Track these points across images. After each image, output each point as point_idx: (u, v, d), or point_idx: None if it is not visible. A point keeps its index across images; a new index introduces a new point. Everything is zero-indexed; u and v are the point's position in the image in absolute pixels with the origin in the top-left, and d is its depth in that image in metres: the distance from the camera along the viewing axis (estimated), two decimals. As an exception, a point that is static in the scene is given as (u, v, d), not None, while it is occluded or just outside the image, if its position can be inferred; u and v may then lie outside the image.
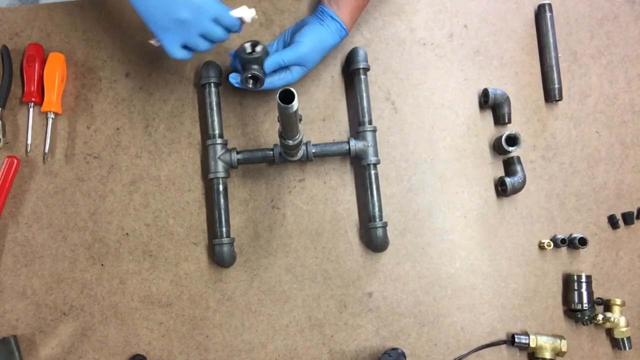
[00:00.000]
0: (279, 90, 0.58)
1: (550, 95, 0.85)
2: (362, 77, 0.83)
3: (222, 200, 0.81)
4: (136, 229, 0.84)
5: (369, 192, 0.81)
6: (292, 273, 0.83)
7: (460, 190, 0.84)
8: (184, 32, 0.70)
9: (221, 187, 0.81)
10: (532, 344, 0.78)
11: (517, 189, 0.82)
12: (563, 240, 0.82)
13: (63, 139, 0.86)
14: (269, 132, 0.86)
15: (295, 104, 0.59)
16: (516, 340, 0.79)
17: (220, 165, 0.81)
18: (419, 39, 0.87)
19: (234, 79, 0.80)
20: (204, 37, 0.72)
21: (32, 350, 0.82)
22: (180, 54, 0.72)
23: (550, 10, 0.86)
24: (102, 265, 0.84)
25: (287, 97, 0.59)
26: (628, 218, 0.83)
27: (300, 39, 0.78)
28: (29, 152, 0.85)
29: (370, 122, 0.82)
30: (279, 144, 0.77)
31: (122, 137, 0.86)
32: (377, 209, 0.80)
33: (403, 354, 0.79)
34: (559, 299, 0.82)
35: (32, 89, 0.85)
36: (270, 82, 0.78)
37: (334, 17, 0.78)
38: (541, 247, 0.83)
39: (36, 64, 0.85)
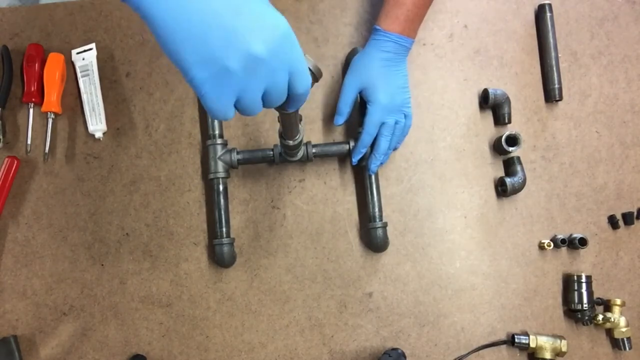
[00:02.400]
0: None
1: (551, 95, 0.85)
2: (362, 77, 0.83)
3: (222, 200, 0.81)
4: (136, 229, 0.84)
5: (369, 192, 0.81)
6: (292, 273, 0.83)
7: (460, 190, 0.84)
8: (248, 82, 0.41)
9: (221, 187, 0.81)
10: (532, 344, 0.78)
11: (517, 189, 0.82)
12: (563, 241, 0.81)
13: (63, 139, 0.86)
14: (269, 132, 0.86)
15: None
16: (516, 340, 0.79)
17: (220, 165, 0.81)
18: (419, 39, 0.87)
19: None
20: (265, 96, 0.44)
21: (32, 350, 0.82)
22: (231, 113, 0.44)
23: (551, 11, 0.86)
24: (102, 265, 0.84)
25: None
26: (628, 218, 0.83)
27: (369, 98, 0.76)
28: (29, 152, 0.85)
29: (370, 122, 0.82)
30: (279, 144, 0.77)
31: (122, 137, 0.86)
32: (377, 209, 0.80)
33: (403, 354, 0.79)
34: (559, 299, 0.82)
35: (32, 89, 0.85)
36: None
37: (387, 34, 0.75)
38: (541, 247, 0.83)
39: (36, 64, 0.85)
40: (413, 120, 0.85)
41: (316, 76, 0.53)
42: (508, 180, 0.82)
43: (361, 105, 0.80)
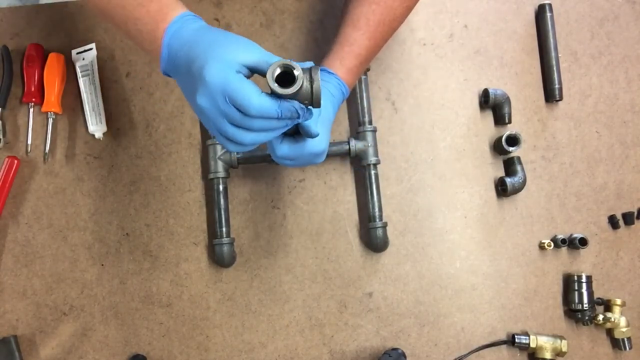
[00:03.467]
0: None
1: (551, 95, 0.85)
2: (363, 77, 0.83)
3: (222, 200, 0.81)
4: (136, 229, 0.84)
5: (369, 192, 0.81)
6: (292, 273, 0.83)
7: (461, 190, 0.84)
8: (211, 117, 0.53)
9: (221, 187, 0.81)
10: (533, 344, 0.78)
11: (517, 189, 0.82)
12: (563, 241, 0.81)
13: (63, 139, 0.86)
14: (269, 132, 0.86)
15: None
16: (516, 340, 0.79)
17: (220, 165, 0.81)
18: (419, 39, 0.87)
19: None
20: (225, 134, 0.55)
21: (32, 350, 0.82)
22: (228, 144, 0.56)
23: (551, 10, 0.86)
24: (102, 265, 0.84)
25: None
26: (628, 218, 0.83)
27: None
28: (29, 152, 0.85)
29: (370, 122, 0.82)
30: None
31: (122, 137, 0.86)
32: (377, 209, 0.80)
33: (403, 354, 0.79)
34: (559, 299, 0.82)
35: (33, 89, 0.85)
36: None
37: (330, 72, 0.68)
38: (541, 247, 0.83)
39: (36, 64, 0.85)
40: (413, 120, 0.86)
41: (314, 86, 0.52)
42: (508, 180, 0.82)
43: None
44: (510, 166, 0.84)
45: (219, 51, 0.52)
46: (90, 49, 0.87)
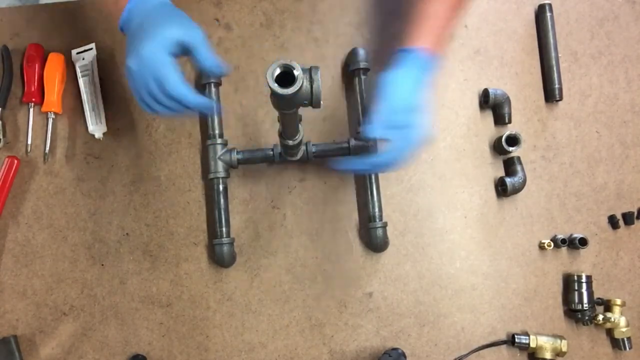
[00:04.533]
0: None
1: (551, 95, 0.85)
2: (362, 77, 0.83)
3: (222, 200, 0.81)
4: (136, 229, 0.84)
5: (369, 192, 0.81)
6: (292, 273, 0.83)
7: (460, 190, 0.84)
8: (135, 82, 0.63)
9: (221, 187, 0.81)
10: (533, 344, 0.78)
11: (517, 189, 0.82)
12: (563, 241, 0.81)
13: (63, 139, 0.86)
14: (269, 132, 0.86)
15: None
16: (516, 340, 0.79)
17: (220, 165, 0.81)
18: (419, 39, 0.87)
19: None
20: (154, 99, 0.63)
21: (32, 350, 0.82)
22: (144, 107, 0.65)
23: (551, 10, 0.86)
24: (103, 265, 0.84)
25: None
26: (628, 218, 0.83)
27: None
28: (29, 152, 0.85)
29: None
30: (279, 144, 0.77)
31: (122, 137, 0.86)
32: (377, 209, 0.80)
33: (403, 354, 0.79)
34: (559, 299, 0.82)
35: (33, 89, 0.85)
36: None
37: (411, 51, 0.65)
38: (541, 247, 0.83)
39: (36, 64, 0.85)
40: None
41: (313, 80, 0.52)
42: (508, 180, 0.82)
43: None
44: (510, 166, 0.84)
45: (158, 31, 0.61)
46: (90, 49, 0.87)
